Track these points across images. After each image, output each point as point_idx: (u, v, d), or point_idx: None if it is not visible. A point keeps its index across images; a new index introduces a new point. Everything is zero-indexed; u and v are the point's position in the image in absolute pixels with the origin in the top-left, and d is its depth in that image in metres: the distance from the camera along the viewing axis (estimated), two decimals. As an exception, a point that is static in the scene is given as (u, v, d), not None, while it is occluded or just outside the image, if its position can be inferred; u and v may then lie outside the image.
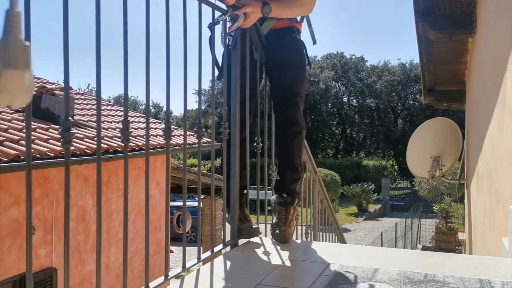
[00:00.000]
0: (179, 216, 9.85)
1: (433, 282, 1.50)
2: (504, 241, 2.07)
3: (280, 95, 2.16)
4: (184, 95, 1.65)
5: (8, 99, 0.78)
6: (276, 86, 2.20)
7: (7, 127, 5.02)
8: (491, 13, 2.90)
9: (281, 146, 2.19)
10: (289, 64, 2.18)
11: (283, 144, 2.18)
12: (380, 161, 32.89)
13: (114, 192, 6.43)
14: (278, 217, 2.15)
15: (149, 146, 1.56)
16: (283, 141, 2.18)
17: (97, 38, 1.21)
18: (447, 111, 22.69)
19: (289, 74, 2.17)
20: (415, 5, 3.83)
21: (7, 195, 4.89)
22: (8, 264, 4.87)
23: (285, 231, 2.07)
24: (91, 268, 5.98)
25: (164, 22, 1.48)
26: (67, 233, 1.15)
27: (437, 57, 4.89)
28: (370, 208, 24.74)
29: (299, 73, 2.20)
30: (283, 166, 2.20)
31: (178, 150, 7.10)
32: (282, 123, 2.17)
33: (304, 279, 1.57)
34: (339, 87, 36.32)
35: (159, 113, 45.06)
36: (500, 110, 2.38)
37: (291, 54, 2.20)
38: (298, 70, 2.20)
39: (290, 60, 2.18)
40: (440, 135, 5.17)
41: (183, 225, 1.55)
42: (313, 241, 3.54)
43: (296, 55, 2.21)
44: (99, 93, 1.28)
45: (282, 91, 2.16)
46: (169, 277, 1.53)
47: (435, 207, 15.47)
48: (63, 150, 1.17)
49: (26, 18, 0.98)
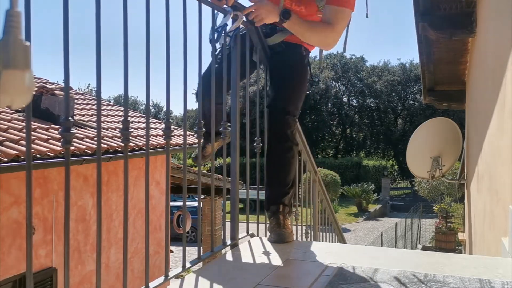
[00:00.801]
0: (179, 216, 9.85)
1: (433, 282, 1.50)
2: (504, 241, 2.07)
3: (273, 112, 2.12)
4: (184, 95, 1.65)
5: (8, 99, 0.78)
6: (271, 102, 2.15)
7: (7, 127, 5.02)
8: (491, 13, 2.90)
9: (270, 160, 2.15)
10: (288, 86, 2.13)
11: (272, 159, 2.14)
12: (380, 161, 32.90)
13: (114, 192, 6.42)
14: (270, 225, 2.14)
15: (149, 146, 1.56)
16: (273, 155, 2.14)
17: (97, 38, 1.21)
18: (447, 111, 22.68)
19: (286, 94, 2.11)
20: (415, 5, 3.83)
21: (7, 195, 4.89)
22: (8, 264, 4.87)
23: (281, 231, 2.06)
24: (91, 268, 5.98)
25: (164, 22, 1.49)
26: (67, 233, 1.15)
27: (437, 57, 4.89)
28: (370, 208, 24.74)
29: (296, 96, 2.15)
30: (270, 180, 2.16)
31: (178, 150, 7.10)
32: (273, 138, 2.14)
33: (304, 279, 1.57)
34: (339, 87, 36.33)
35: (159, 113, 45.08)
36: (500, 110, 2.38)
37: (294, 76, 2.15)
38: (296, 93, 2.15)
39: (290, 82, 2.13)
40: (440, 135, 5.17)
41: (183, 225, 1.55)
42: (313, 241, 3.54)
43: (299, 80, 2.15)
44: (99, 93, 1.28)
45: (275, 108, 2.12)
46: (169, 277, 1.53)
47: (435, 207, 15.47)
48: (63, 150, 1.17)
49: (26, 18, 0.98)
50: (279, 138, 2.11)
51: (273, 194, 2.16)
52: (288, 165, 2.13)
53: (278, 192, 2.15)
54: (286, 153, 2.12)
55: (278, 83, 2.15)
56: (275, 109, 2.11)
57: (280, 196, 2.14)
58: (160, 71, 1.79)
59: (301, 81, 2.17)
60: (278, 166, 2.13)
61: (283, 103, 2.11)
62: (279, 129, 2.10)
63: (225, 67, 1.93)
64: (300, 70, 2.17)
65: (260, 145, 2.24)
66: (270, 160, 2.15)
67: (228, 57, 1.98)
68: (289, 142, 2.12)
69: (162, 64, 1.52)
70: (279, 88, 2.13)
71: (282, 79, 2.14)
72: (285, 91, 2.12)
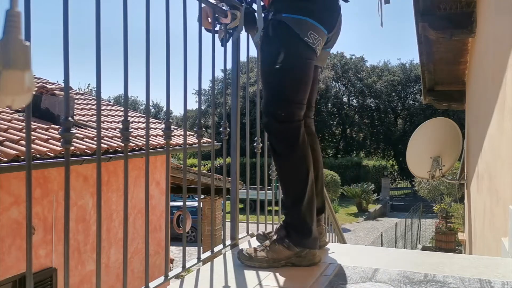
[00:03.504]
0: (179, 216, 9.84)
1: (433, 282, 1.50)
2: (504, 241, 2.07)
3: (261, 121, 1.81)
4: (184, 95, 1.65)
5: (8, 99, 0.78)
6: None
7: (7, 127, 5.02)
8: (491, 13, 2.90)
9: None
10: (264, 74, 1.76)
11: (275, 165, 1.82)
12: (380, 161, 32.91)
13: (114, 192, 6.43)
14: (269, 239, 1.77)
15: (149, 146, 1.56)
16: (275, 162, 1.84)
17: (97, 38, 1.21)
18: (447, 111, 22.71)
19: (266, 89, 1.74)
20: (415, 5, 3.83)
21: (7, 195, 4.89)
22: (8, 264, 4.87)
23: (247, 250, 1.71)
24: (91, 268, 5.98)
25: (164, 22, 1.49)
26: (67, 233, 1.15)
27: (437, 57, 4.90)
28: (370, 208, 24.75)
29: (278, 86, 1.70)
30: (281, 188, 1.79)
31: (178, 150, 7.10)
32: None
33: (304, 279, 1.57)
34: (339, 87, 36.34)
35: (159, 113, 45.09)
36: (500, 110, 2.38)
37: (262, 59, 1.76)
38: (277, 82, 1.69)
39: (261, 69, 1.77)
40: (440, 135, 5.17)
41: (183, 225, 1.55)
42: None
43: (275, 59, 1.68)
44: (99, 93, 1.28)
45: (261, 117, 1.79)
46: (169, 277, 1.53)
47: (435, 207, 15.48)
48: (63, 150, 1.17)
49: (26, 18, 0.98)
50: (271, 149, 1.81)
51: (283, 205, 1.80)
52: (286, 175, 1.75)
53: (284, 205, 1.77)
54: (278, 162, 1.79)
55: (262, 79, 1.87)
56: (261, 116, 1.84)
57: (287, 210, 1.76)
58: (160, 71, 1.78)
59: (280, 59, 1.75)
60: (279, 175, 1.79)
61: (264, 105, 1.81)
62: (270, 140, 1.80)
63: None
64: (278, 41, 1.78)
65: (260, 145, 2.24)
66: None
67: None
68: (276, 151, 1.77)
69: (162, 64, 1.52)
70: (263, 85, 1.87)
71: (261, 68, 1.86)
72: (265, 85, 1.82)
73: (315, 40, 1.69)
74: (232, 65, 2.04)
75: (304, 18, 1.66)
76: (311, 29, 1.67)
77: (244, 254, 1.70)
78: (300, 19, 1.66)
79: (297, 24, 1.66)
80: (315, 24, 1.68)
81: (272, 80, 1.71)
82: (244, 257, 1.69)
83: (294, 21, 1.66)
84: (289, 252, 1.67)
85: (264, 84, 1.75)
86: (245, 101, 2.40)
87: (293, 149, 1.69)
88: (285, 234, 1.70)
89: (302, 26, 1.66)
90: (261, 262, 1.65)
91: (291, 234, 1.69)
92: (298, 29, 1.66)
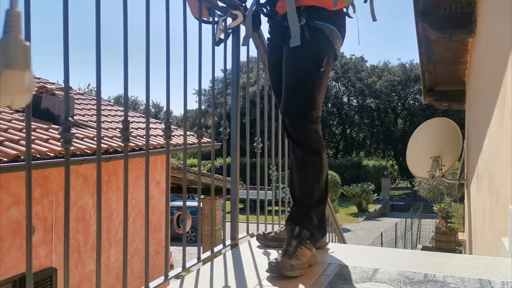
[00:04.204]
0: (179, 216, 9.85)
1: (433, 282, 1.50)
2: (504, 241, 2.07)
3: (282, 117, 1.81)
4: (184, 95, 1.66)
5: (8, 99, 0.78)
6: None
7: (7, 127, 5.02)
8: (491, 13, 2.90)
9: (293, 160, 1.80)
10: (290, 73, 1.78)
11: (293, 160, 1.80)
12: (380, 161, 32.91)
13: (114, 192, 6.43)
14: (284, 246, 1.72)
15: (149, 146, 1.56)
16: (294, 157, 1.81)
17: (97, 38, 1.21)
18: (447, 111, 22.72)
19: (298, 89, 1.74)
20: (415, 5, 3.83)
21: (7, 195, 4.89)
22: (8, 264, 4.87)
23: (282, 260, 1.60)
24: (91, 268, 5.98)
25: (164, 22, 1.49)
26: (67, 233, 1.15)
27: (437, 57, 4.90)
28: (370, 208, 24.76)
29: (313, 87, 1.74)
30: (295, 184, 1.79)
31: (178, 150, 7.10)
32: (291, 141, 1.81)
33: (304, 279, 1.57)
34: (339, 87, 36.34)
35: (159, 113, 45.09)
36: (500, 110, 2.38)
37: (296, 60, 1.76)
38: (313, 83, 1.74)
39: (292, 69, 1.77)
40: (440, 135, 5.17)
41: (183, 225, 1.55)
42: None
43: (306, 63, 1.74)
44: (99, 93, 1.28)
45: (282, 113, 1.80)
46: (169, 277, 1.53)
47: (435, 207, 15.48)
48: (63, 150, 1.17)
49: (26, 18, 0.98)
50: (295, 143, 1.80)
51: (295, 205, 1.80)
52: (310, 173, 1.77)
53: (296, 210, 1.78)
54: (304, 158, 1.79)
55: (284, 78, 1.85)
56: (284, 113, 1.82)
57: (300, 214, 1.76)
58: (160, 71, 1.78)
59: (310, 64, 1.82)
60: (299, 170, 1.79)
61: (284, 104, 1.82)
62: (292, 134, 1.80)
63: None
64: (309, 47, 1.82)
65: (260, 145, 2.24)
66: (292, 160, 1.84)
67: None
68: (304, 146, 1.78)
69: (162, 64, 1.52)
70: (284, 82, 1.85)
71: (285, 66, 1.86)
72: (286, 82, 1.84)
73: (338, 50, 1.84)
74: (232, 65, 2.04)
75: (333, 28, 1.80)
76: (337, 39, 1.82)
77: (284, 265, 1.59)
78: (331, 28, 1.79)
79: (330, 32, 1.78)
80: (339, 35, 1.84)
81: (308, 81, 1.75)
82: (286, 268, 1.58)
83: (327, 29, 1.78)
84: (311, 252, 1.71)
85: (295, 83, 1.75)
86: (245, 101, 2.40)
87: (323, 149, 1.79)
88: (308, 236, 1.72)
89: (333, 34, 1.80)
90: (300, 269, 1.61)
91: (314, 235, 1.75)
92: (331, 37, 1.79)
